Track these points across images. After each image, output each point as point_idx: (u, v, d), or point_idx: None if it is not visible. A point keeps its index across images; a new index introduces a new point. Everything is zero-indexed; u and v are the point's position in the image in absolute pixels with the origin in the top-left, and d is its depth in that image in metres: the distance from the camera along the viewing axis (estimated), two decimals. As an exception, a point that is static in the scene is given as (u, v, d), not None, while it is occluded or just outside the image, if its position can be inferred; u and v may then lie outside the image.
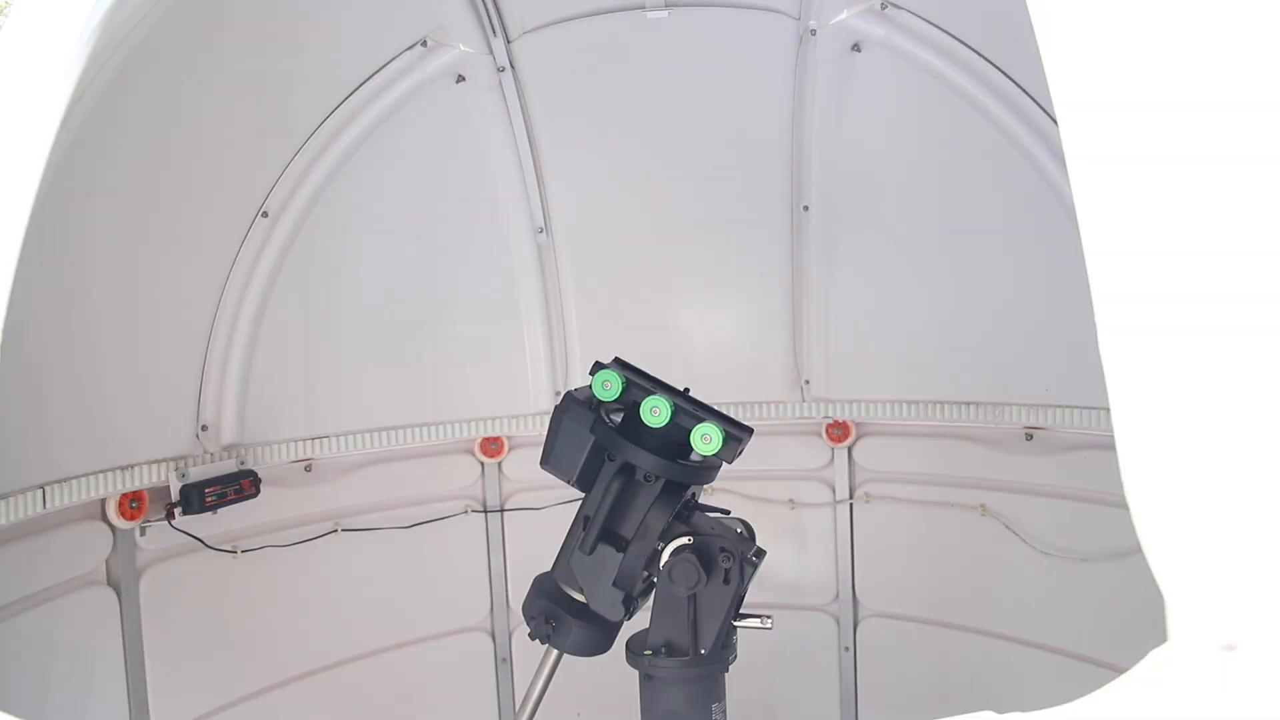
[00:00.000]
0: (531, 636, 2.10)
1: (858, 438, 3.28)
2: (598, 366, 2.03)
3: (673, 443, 2.00)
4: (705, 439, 1.95)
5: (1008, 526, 3.07)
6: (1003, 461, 3.04)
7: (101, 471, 2.58)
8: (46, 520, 2.46)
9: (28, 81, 1.53)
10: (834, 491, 3.32)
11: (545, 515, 3.31)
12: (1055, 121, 1.27)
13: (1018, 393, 2.94)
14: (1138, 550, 1.09)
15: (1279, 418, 1.13)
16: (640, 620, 2.07)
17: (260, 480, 2.97)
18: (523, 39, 2.88)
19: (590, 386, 2.04)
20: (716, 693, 2.05)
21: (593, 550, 2.01)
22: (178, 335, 2.82)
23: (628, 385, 2.01)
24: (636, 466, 2.00)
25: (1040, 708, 1.03)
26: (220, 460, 2.91)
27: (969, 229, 2.96)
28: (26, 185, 1.46)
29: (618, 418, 2.06)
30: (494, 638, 3.54)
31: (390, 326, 3.21)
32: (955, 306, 3.04)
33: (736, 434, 1.98)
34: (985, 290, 3.03)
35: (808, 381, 3.24)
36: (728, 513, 2.10)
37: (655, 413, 1.96)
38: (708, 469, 2.08)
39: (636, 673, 2.07)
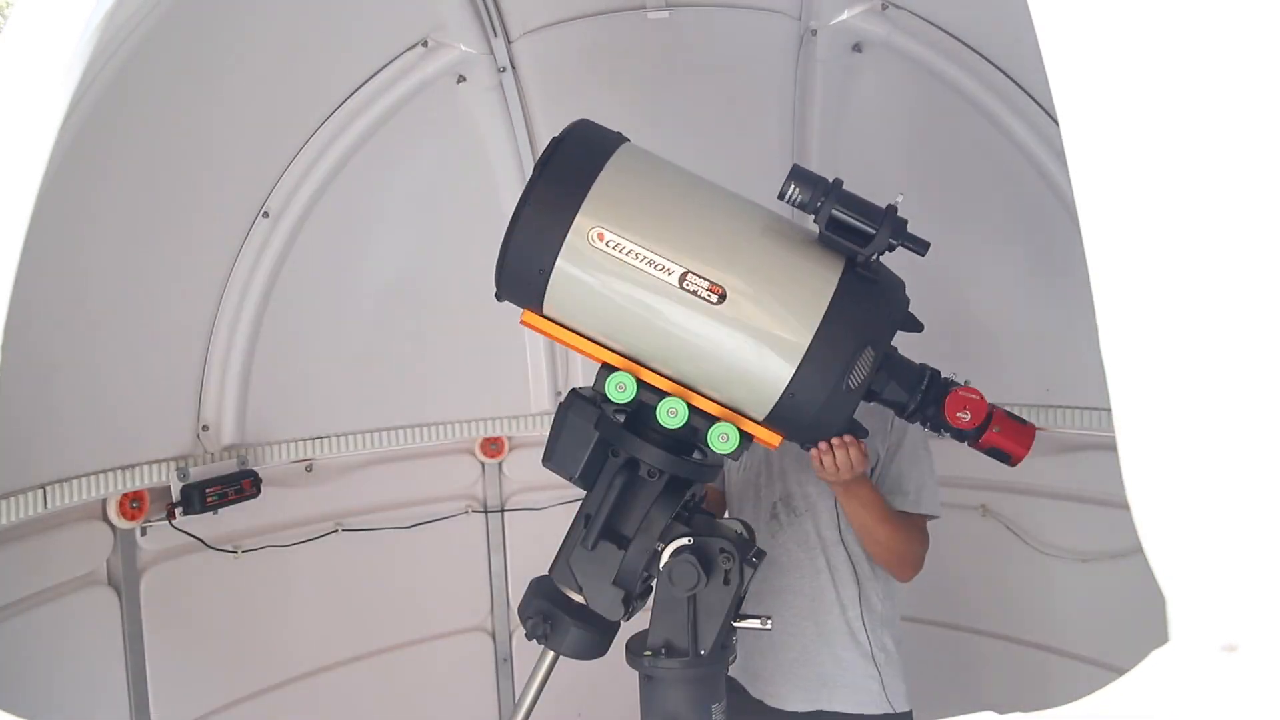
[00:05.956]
0: (529, 637, 2.10)
1: (858, 438, 3.28)
2: (610, 369, 2.00)
3: (676, 441, 2.00)
4: (723, 438, 1.94)
5: (1008, 527, 3.07)
6: (1003, 462, 3.04)
7: (102, 471, 2.59)
8: (47, 520, 2.47)
9: (29, 82, 1.53)
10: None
11: (546, 515, 3.31)
12: (1056, 121, 1.27)
13: (1018, 393, 2.94)
14: (1138, 550, 1.09)
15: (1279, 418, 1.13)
16: (640, 621, 2.07)
17: (261, 480, 2.97)
18: (523, 39, 2.88)
19: (599, 386, 2.00)
20: (716, 693, 2.05)
21: (594, 547, 2.01)
22: (179, 335, 2.83)
23: (641, 387, 1.99)
24: (640, 462, 2.00)
25: (1040, 708, 1.03)
26: (221, 460, 2.91)
27: (969, 229, 2.96)
28: (28, 185, 1.46)
29: (620, 417, 2.05)
30: (494, 638, 3.54)
31: (391, 326, 3.21)
32: (954, 305, 3.04)
33: (749, 435, 1.98)
34: (984, 289, 3.03)
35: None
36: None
37: (672, 414, 1.95)
38: (710, 466, 2.08)
39: (636, 674, 2.07)
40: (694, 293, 1.83)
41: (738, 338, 1.87)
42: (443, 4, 2.70)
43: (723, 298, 1.84)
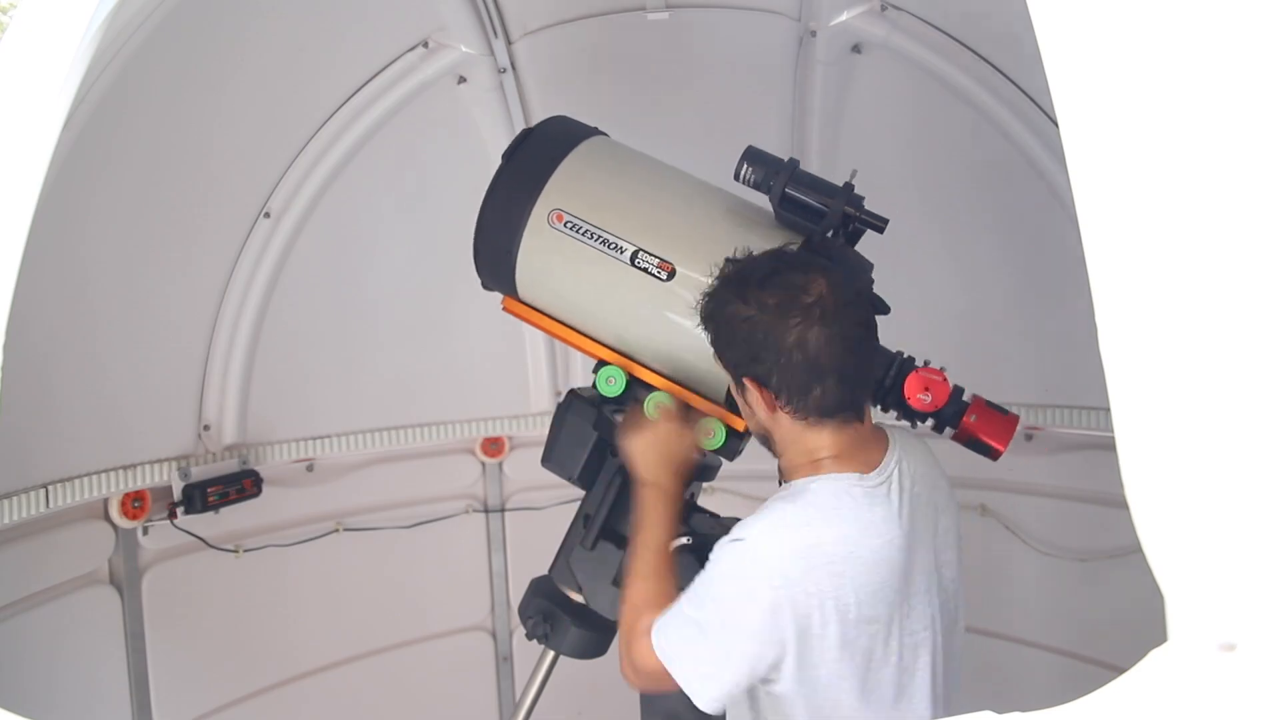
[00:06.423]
0: (529, 636, 2.11)
1: (858, 438, 3.28)
2: (601, 364, 2.03)
3: None
4: (708, 434, 1.96)
5: (1007, 527, 3.07)
6: (1002, 461, 3.02)
7: (105, 471, 2.59)
8: (50, 520, 2.47)
9: (31, 83, 1.54)
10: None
11: (546, 515, 3.32)
12: (1055, 123, 1.28)
13: (1017, 392, 2.94)
14: (1137, 550, 1.10)
15: (1279, 418, 1.13)
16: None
17: (262, 480, 2.98)
18: (524, 40, 2.88)
19: (594, 385, 2.03)
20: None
21: (594, 547, 2.02)
22: (181, 335, 2.83)
23: (631, 382, 2.01)
24: None
25: (1040, 708, 1.04)
26: (222, 460, 2.92)
27: (968, 229, 2.97)
28: (30, 186, 1.46)
29: (619, 417, 2.06)
30: (495, 637, 3.55)
31: (392, 326, 3.21)
32: (953, 306, 3.04)
33: (738, 430, 1.99)
34: (984, 290, 3.03)
35: (808, 381, 3.24)
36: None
37: (659, 408, 1.97)
38: (708, 466, 2.08)
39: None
40: (645, 270, 1.88)
41: (689, 315, 1.88)
42: (443, 5, 2.70)
43: (672, 274, 1.86)
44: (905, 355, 1.95)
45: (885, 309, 1.97)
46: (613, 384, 2.00)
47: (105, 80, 2.07)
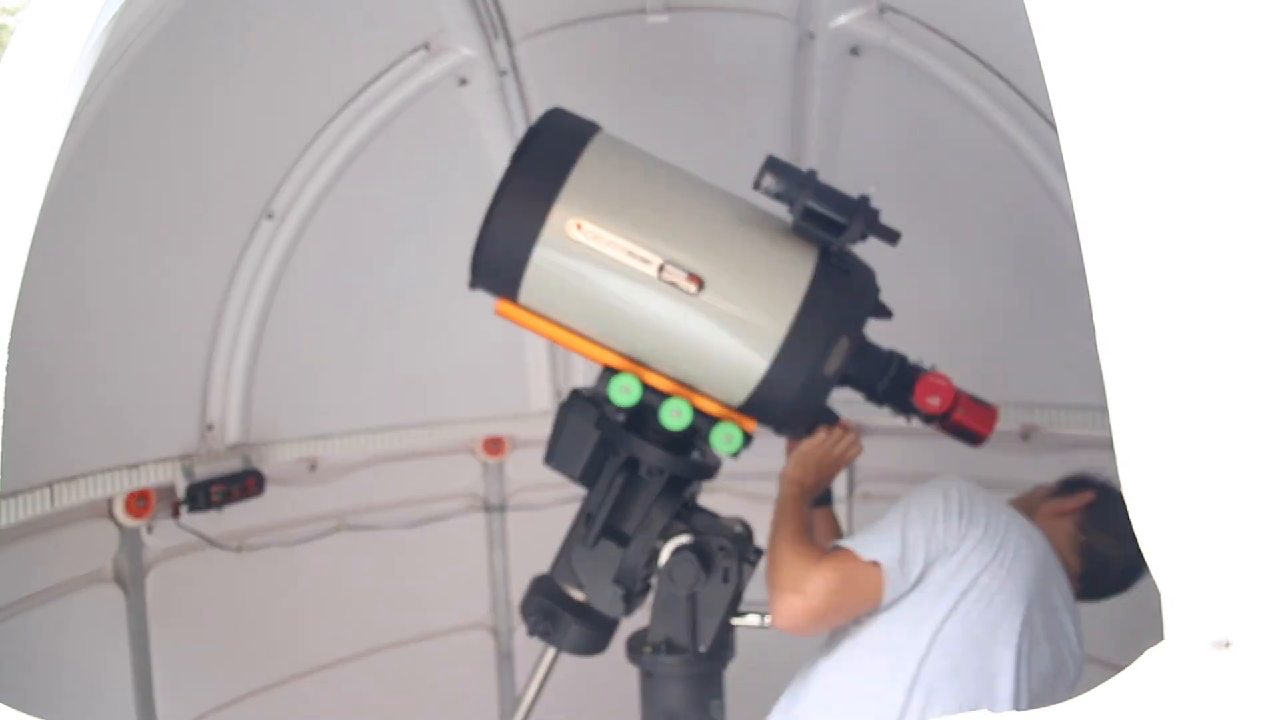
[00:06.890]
0: (530, 634, 2.12)
1: (856, 437, 3.29)
2: (610, 370, 2.01)
3: (675, 440, 2.02)
4: (727, 439, 1.97)
5: (1006, 526, 3.08)
6: (1000, 461, 3.03)
7: (109, 470, 2.60)
8: (54, 518, 2.48)
9: (37, 85, 1.55)
10: (833, 491, 3.32)
11: (547, 514, 3.32)
12: (1053, 126, 1.29)
13: (1015, 392, 2.95)
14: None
15: (1278, 418, 1.14)
16: (640, 618, 2.09)
17: (265, 479, 2.99)
18: (524, 42, 2.89)
19: (605, 388, 2.00)
20: (715, 690, 2.07)
21: (595, 545, 2.03)
22: (184, 335, 2.84)
23: (646, 391, 1.99)
24: (640, 462, 2.01)
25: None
26: (226, 459, 2.92)
27: (966, 231, 2.97)
28: (34, 186, 1.47)
29: (621, 417, 2.07)
30: (496, 635, 3.56)
31: (393, 327, 3.22)
32: (952, 307, 3.05)
33: (749, 433, 2.00)
34: (982, 291, 3.04)
35: (807, 381, 3.25)
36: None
37: (676, 415, 1.96)
38: (708, 466, 2.10)
39: (637, 670, 2.09)
40: (673, 283, 1.86)
41: (716, 327, 1.90)
42: (444, 7, 2.71)
43: (701, 287, 1.86)
44: (900, 355, 1.97)
45: (888, 314, 1.98)
46: (628, 393, 1.96)
47: (110, 83, 2.08)
